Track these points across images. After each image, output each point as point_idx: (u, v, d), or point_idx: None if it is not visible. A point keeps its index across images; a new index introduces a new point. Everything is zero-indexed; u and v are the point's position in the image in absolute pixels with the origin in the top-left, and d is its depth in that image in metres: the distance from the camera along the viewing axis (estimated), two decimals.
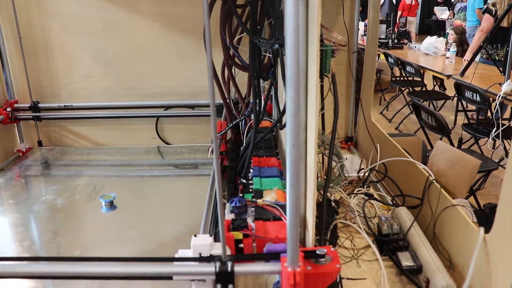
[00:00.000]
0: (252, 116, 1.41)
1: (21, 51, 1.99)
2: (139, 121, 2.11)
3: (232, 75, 1.60)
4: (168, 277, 0.82)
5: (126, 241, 1.31)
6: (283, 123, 1.23)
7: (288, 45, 0.63)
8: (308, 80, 0.87)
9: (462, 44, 5.52)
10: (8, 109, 2.03)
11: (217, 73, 1.57)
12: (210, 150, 1.55)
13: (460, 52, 5.27)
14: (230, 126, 1.53)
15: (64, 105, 2.07)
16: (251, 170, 1.27)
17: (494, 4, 4.25)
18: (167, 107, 2.07)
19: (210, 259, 0.79)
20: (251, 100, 1.45)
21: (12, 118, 2.05)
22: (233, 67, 1.56)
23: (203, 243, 0.84)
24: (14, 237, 1.33)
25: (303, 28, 0.83)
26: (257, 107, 1.32)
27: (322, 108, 1.35)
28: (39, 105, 2.07)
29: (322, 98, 1.32)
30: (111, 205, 1.50)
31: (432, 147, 2.55)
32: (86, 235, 1.36)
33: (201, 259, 0.82)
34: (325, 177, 1.25)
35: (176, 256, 0.85)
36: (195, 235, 0.86)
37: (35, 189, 1.68)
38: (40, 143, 2.15)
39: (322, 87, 1.33)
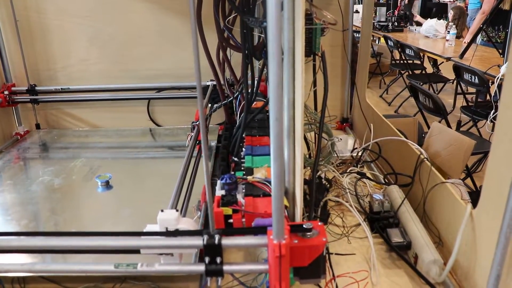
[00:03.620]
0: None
1: (17, 34, 1.99)
2: (135, 103, 2.12)
3: (227, 57, 1.60)
4: (136, 251, 0.85)
5: (121, 219, 1.33)
6: None
7: (269, 20, 0.64)
8: (294, 57, 0.88)
9: (459, 18, 5.48)
10: (6, 92, 2.04)
11: (211, 54, 1.57)
12: (188, 139, 1.55)
13: (458, 27, 5.21)
14: (213, 110, 1.54)
15: (61, 88, 2.08)
16: (243, 149, 1.28)
17: None
18: (160, 89, 2.07)
19: (192, 233, 0.82)
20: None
21: (10, 101, 2.06)
22: (228, 48, 1.56)
23: (169, 217, 0.86)
24: (11, 216, 1.35)
25: (289, 5, 0.84)
26: (249, 87, 1.33)
27: (315, 86, 1.35)
28: (37, 88, 2.08)
29: (314, 77, 1.32)
30: (107, 185, 1.52)
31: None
32: (82, 214, 1.39)
33: (168, 233, 0.84)
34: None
35: (145, 230, 0.87)
36: (162, 210, 0.88)
37: (32, 171, 1.70)
38: (38, 126, 2.16)
39: (314, 66, 1.33)
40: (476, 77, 3.57)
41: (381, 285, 1.06)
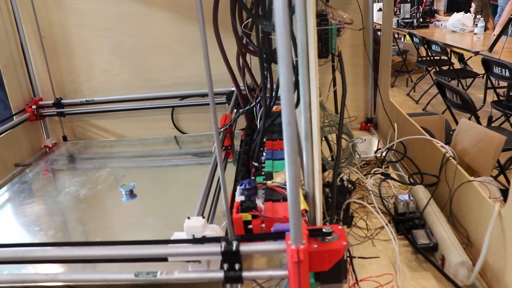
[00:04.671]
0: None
1: (43, 50, 2.05)
2: (158, 112, 2.15)
3: (246, 62, 1.60)
4: (164, 259, 0.85)
5: (146, 227, 1.34)
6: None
7: (277, 22, 0.63)
8: (309, 58, 0.87)
9: (482, 10, 5.34)
10: (33, 107, 2.10)
11: (228, 59, 1.57)
12: (214, 145, 1.56)
13: (483, 18, 5.06)
14: (235, 118, 1.54)
15: (85, 100, 2.12)
16: (264, 154, 1.27)
17: None
18: (183, 97, 2.09)
19: (210, 240, 0.81)
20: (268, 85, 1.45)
21: (38, 115, 2.12)
22: (247, 54, 1.56)
23: (195, 224, 0.86)
24: (39, 227, 1.38)
25: (301, 7, 0.82)
26: (268, 91, 1.32)
27: (334, 86, 1.34)
28: (62, 101, 2.13)
29: (333, 77, 1.31)
30: (131, 194, 1.53)
31: None
32: (107, 223, 1.40)
33: (199, 240, 0.84)
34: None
35: (171, 238, 0.87)
36: (188, 217, 0.88)
37: (60, 182, 1.74)
38: (65, 138, 2.22)
39: (333, 66, 1.31)
40: (506, 70, 3.46)
41: None
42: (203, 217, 0.90)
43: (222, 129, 1.60)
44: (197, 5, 0.69)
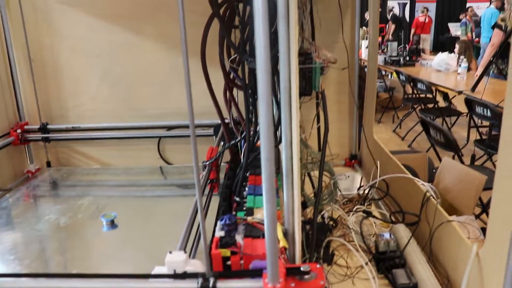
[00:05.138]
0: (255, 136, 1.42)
1: (31, 74, 2.06)
2: (144, 142, 2.15)
3: (233, 96, 1.62)
4: None
5: (125, 260, 1.33)
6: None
7: (259, 61, 0.65)
8: (291, 96, 0.88)
9: (465, 52, 5.51)
10: (19, 131, 2.08)
11: (215, 93, 1.58)
12: (200, 177, 1.56)
13: (466, 58, 5.20)
14: (222, 151, 1.55)
15: (72, 127, 2.12)
16: (246, 189, 1.27)
17: (503, 19, 4.23)
18: (169, 128, 2.10)
19: (188, 276, 0.80)
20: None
21: (22, 139, 2.10)
22: (233, 88, 1.58)
23: (177, 259, 0.85)
24: (15, 255, 1.35)
25: (285, 45, 0.84)
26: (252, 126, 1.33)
27: (318, 123, 1.36)
28: (48, 126, 2.13)
29: (317, 114, 1.33)
30: (112, 224, 1.52)
31: None
32: (86, 253, 1.38)
33: (177, 276, 0.83)
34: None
35: (152, 273, 0.86)
36: (170, 252, 0.87)
37: (40, 209, 1.72)
38: (48, 164, 2.20)
39: (317, 104, 1.34)
40: (488, 110, 3.54)
41: None
42: (185, 252, 0.89)
43: (208, 163, 1.60)
44: (181, 37, 0.71)
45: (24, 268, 1.27)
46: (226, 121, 1.71)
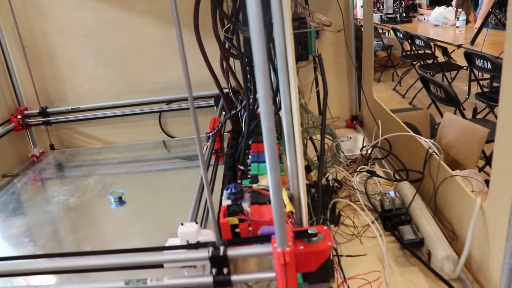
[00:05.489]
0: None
1: (26, 59, 2.04)
2: (145, 117, 2.15)
3: (230, 66, 1.61)
4: (159, 266, 0.86)
5: (136, 235, 1.35)
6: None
7: (252, 31, 0.64)
8: (287, 62, 0.88)
9: (463, 4, 5.41)
10: (19, 116, 2.09)
11: (210, 63, 1.57)
12: (204, 149, 1.57)
13: (464, 11, 5.11)
14: (223, 121, 1.55)
15: (71, 108, 2.12)
16: (250, 156, 1.28)
17: None
18: (168, 102, 2.10)
19: (199, 245, 0.82)
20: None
21: (23, 124, 2.11)
22: (230, 58, 1.57)
23: (189, 230, 0.87)
24: (29, 238, 1.38)
25: (277, 10, 0.83)
26: (251, 94, 1.33)
27: (316, 87, 1.35)
28: (48, 110, 2.13)
29: (315, 78, 1.32)
30: (120, 201, 1.54)
31: None
32: (97, 231, 1.41)
33: (190, 246, 0.84)
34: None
35: (166, 244, 0.88)
36: (182, 224, 0.89)
37: (48, 191, 1.74)
38: (52, 147, 2.21)
39: (314, 68, 1.33)
40: (488, 62, 3.50)
41: (395, 284, 1.05)
42: (196, 223, 0.91)
43: (211, 134, 1.60)
44: (172, 9, 0.70)
45: (39, 249, 1.30)
46: (225, 90, 1.70)
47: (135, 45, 2.05)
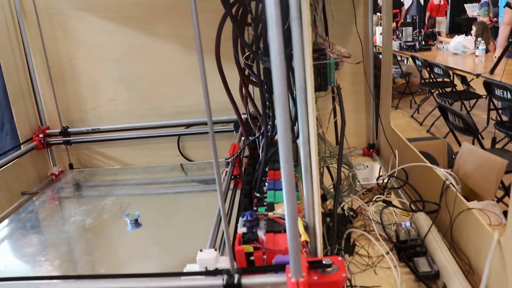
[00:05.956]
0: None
1: (50, 80, 2.11)
2: (164, 140, 2.18)
3: (249, 92, 1.63)
4: None
5: (150, 258, 1.36)
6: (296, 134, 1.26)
7: (274, 65, 0.66)
8: (307, 93, 0.90)
9: (482, 33, 5.40)
10: (41, 135, 2.14)
11: (230, 88, 1.60)
12: (223, 174, 1.58)
13: (484, 40, 5.10)
14: (242, 147, 1.57)
15: (92, 129, 2.16)
16: (266, 184, 1.29)
17: None
18: (188, 125, 2.13)
19: (215, 272, 0.82)
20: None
21: (45, 143, 2.16)
22: (249, 84, 1.59)
23: (208, 257, 0.87)
24: (45, 257, 1.40)
25: (298, 44, 0.86)
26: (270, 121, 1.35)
27: (334, 117, 1.36)
28: (69, 129, 2.18)
29: (334, 108, 1.34)
30: (136, 223, 1.55)
31: None
32: (112, 253, 1.42)
33: (207, 273, 0.85)
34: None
35: (184, 270, 0.89)
36: (201, 250, 0.90)
37: (66, 211, 1.77)
38: (71, 166, 2.25)
39: (333, 98, 1.35)
40: (508, 92, 3.48)
41: None
42: (215, 250, 0.91)
43: (230, 159, 1.62)
44: (195, 35, 0.72)
45: (55, 268, 1.32)
46: (243, 116, 1.73)
47: (158, 69, 2.09)
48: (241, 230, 1.03)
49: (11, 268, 1.37)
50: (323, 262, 0.83)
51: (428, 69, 5.22)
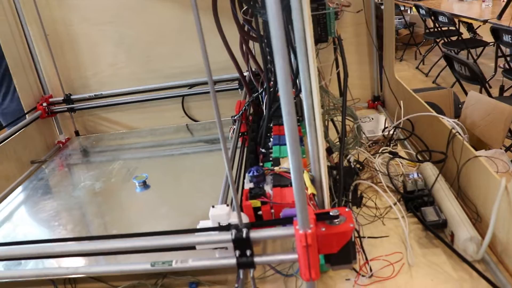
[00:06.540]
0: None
1: (49, 48, 2.08)
2: (167, 102, 2.17)
3: (249, 49, 1.61)
4: (191, 247, 0.88)
5: (160, 218, 1.38)
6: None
7: (270, 15, 0.64)
8: (307, 45, 0.88)
9: None
10: (44, 104, 2.13)
11: (230, 46, 1.57)
12: (230, 132, 1.58)
13: None
14: (247, 104, 1.55)
15: (94, 95, 2.15)
16: (271, 139, 1.29)
17: None
18: (191, 86, 2.11)
19: (227, 227, 0.84)
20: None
21: (49, 112, 2.16)
22: (249, 40, 1.57)
23: (220, 213, 0.88)
24: (59, 222, 1.43)
25: None
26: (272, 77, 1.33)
27: (337, 69, 1.34)
28: (72, 97, 2.17)
29: (336, 60, 1.31)
30: (144, 185, 1.57)
31: None
32: (123, 215, 1.44)
33: (219, 228, 0.86)
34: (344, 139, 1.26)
35: (197, 227, 0.90)
36: (213, 206, 0.91)
37: (75, 176, 1.78)
38: (77, 133, 2.26)
39: (334, 49, 1.32)
40: None
41: (418, 265, 1.05)
42: (228, 205, 0.92)
43: (236, 117, 1.62)
44: None
45: (68, 232, 1.35)
46: (245, 73, 1.71)
47: (155, 29, 2.06)
48: (248, 185, 1.04)
49: (27, 233, 1.40)
50: (330, 213, 0.84)
51: (432, 18, 5.10)
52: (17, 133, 1.93)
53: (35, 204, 1.58)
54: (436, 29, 5.26)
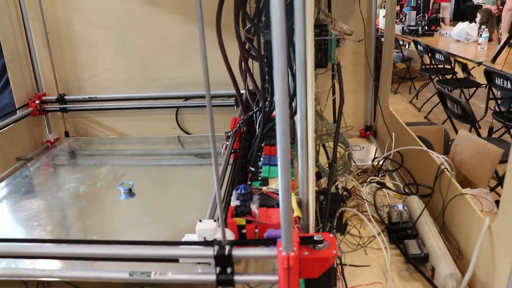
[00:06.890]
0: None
1: (48, 46, 2.07)
2: (161, 112, 2.17)
3: (248, 67, 1.62)
4: (174, 260, 0.87)
5: (142, 227, 1.36)
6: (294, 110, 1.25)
7: (274, 36, 0.65)
8: (306, 68, 0.88)
9: (487, 21, 5.37)
10: (37, 102, 2.12)
11: (230, 64, 1.58)
12: (223, 147, 1.58)
13: (488, 28, 5.07)
14: (241, 121, 1.56)
15: (88, 97, 2.14)
16: (261, 159, 1.29)
17: None
18: (186, 98, 2.11)
19: (211, 243, 0.83)
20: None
21: (41, 110, 2.14)
22: (249, 58, 1.58)
23: (207, 228, 0.88)
24: (38, 222, 1.40)
25: (300, 17, 0.84)
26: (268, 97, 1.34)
27: (333, 95, 1.36)
28: (66, 97, 2.15)
29: (333, 86, 1.33)
30: (130, 193, 1.55)
31: None
32: (104, 221, 1.42)
33: (203, 243, 0.85)
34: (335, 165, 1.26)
35: (182, 240, 0.89)
36: (200, 220, 0.90)
37: (60, 177, 1.76)
38: (67, 134, 2.24)
39: (332, 76, 1.34)
40: (508, 82, 3.47)
41: None
42: (215, 221, 0.92)
43: (230, 133, 1.61)
44: (196, 6, 0.71)
45: (47, 233, 1.32)
46: (242, 91, 1.71)
47: (157, 39, 2.06)
48: (235, 203, 1.04)
49: (3, 231, 1.37)
50: (315, 238, 0.84)
51: (429, 54, 5.20)
52: (6, 128, 1.91)
53: (16, 202, 1.56)
54: (432, 66, 5.35)
